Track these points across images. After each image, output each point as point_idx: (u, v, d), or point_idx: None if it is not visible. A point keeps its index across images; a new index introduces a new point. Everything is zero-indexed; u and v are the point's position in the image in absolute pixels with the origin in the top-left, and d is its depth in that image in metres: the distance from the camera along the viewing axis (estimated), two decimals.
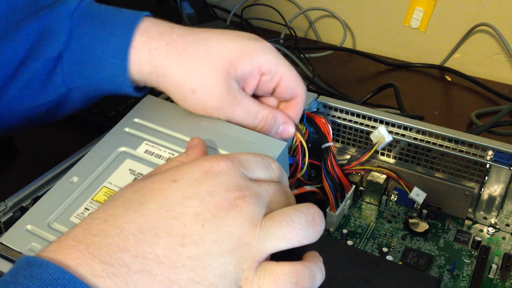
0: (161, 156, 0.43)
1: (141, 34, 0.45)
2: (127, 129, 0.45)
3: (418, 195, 0.55)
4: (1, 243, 0.38)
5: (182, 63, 0.44)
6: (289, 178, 0.52)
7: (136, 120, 0.46)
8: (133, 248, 0.29)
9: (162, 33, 0.45)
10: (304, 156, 0.51)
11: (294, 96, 0.48)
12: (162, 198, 0.31)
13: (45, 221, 0.39)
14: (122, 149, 0.44)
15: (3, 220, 0.41)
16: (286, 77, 0.46)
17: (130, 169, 0.42)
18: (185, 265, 0.29)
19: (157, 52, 0.44)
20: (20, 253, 0.37)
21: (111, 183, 0.41)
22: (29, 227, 0.39)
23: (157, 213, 0.30)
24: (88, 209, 0.39)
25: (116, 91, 0.47)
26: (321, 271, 0.33)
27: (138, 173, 0.41)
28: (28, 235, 0.39)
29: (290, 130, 0.47)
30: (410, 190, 0.56)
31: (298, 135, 0.49)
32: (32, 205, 0.43)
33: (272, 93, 0.48)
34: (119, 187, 0.41)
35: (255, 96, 0.48)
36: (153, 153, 0.43)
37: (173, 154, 0.43)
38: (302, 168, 0.52)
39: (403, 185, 0.56)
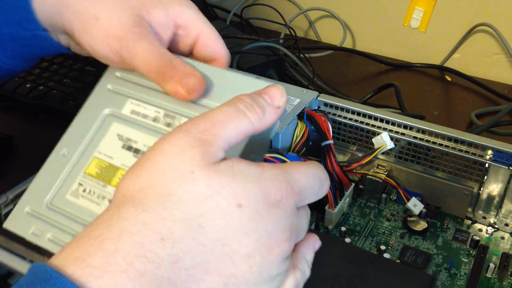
0: (147, 116, 0.40)
1: None
2: (110, 86, 0.42)
3: (415, 205, 0.55)
4: (5, 229, 0.38)
5: None
6: None
7: (118, 74, 0.42)
8: (181, 283, 0.27)
9: None
10: None
11: (214, 58, 0.42)
12: (223, 225, 0.28)
13: (43, 201, 0.39)
14: (107, 111, 0.41)
15: (4, 212, 0.42)
16: (204, 35, 0.42)
17: (118, 134, 0.40)
18: None
19: None
20: (24, 239, 0.37)
21: (100, 153, 0.40)
22: (28, 209, 0.39)
23: (214, 246, 0.28)
24: (81, 184, 0.39)
25: (26, 37, 0.41)
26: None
27: (126, 138, 0.40)
28: (28, 218, 0.38)
29: (193, 84, 0.37)
30: (408, 199, 0.56)
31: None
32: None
33: (191, 53, 0.43)
34: (109, 156, 0.39)
35: None
36: (139, 113, 0.40)
37: (159, 112, 0.40)
38: None
39: (401, 193, 0.56)
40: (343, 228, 0.53)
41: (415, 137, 0.56)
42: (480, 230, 0.55)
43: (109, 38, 0.39)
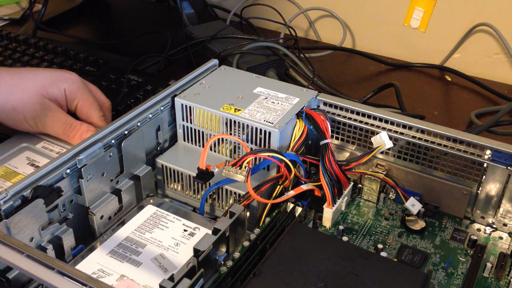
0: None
1: None
2: None
3: (413, 205, 0.55)
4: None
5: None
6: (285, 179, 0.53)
7: None
8: None
9: None
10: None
11: (89, 117, 0.60)
12: None
13: None
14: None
15: (3, 208, 0.42)
16: (80, 102, 0.60)
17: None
18: None
19: None
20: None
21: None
22: None
23: None
24: None
25: None
26: None
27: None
28: None
29: (89, 134, 0.57)
30: (406, 199, 0.56)
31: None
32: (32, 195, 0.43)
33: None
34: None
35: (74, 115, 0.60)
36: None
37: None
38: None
39: (399, 192, 0.56)
40: (341, 227, 0.54)
41: (414, 137, 0.56)
42: (479, 230, 0.55)
43: (27, 119, 0.57)
